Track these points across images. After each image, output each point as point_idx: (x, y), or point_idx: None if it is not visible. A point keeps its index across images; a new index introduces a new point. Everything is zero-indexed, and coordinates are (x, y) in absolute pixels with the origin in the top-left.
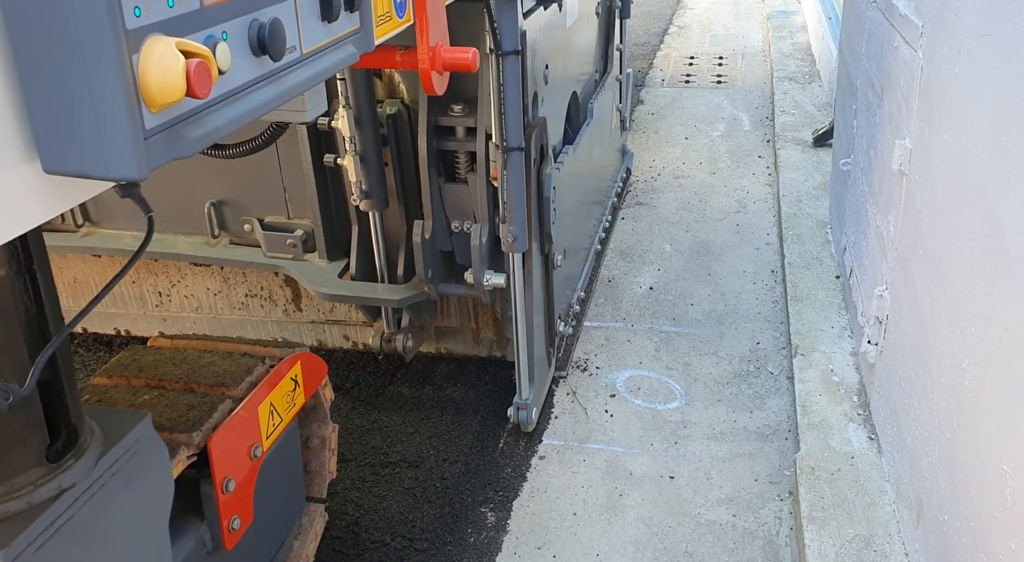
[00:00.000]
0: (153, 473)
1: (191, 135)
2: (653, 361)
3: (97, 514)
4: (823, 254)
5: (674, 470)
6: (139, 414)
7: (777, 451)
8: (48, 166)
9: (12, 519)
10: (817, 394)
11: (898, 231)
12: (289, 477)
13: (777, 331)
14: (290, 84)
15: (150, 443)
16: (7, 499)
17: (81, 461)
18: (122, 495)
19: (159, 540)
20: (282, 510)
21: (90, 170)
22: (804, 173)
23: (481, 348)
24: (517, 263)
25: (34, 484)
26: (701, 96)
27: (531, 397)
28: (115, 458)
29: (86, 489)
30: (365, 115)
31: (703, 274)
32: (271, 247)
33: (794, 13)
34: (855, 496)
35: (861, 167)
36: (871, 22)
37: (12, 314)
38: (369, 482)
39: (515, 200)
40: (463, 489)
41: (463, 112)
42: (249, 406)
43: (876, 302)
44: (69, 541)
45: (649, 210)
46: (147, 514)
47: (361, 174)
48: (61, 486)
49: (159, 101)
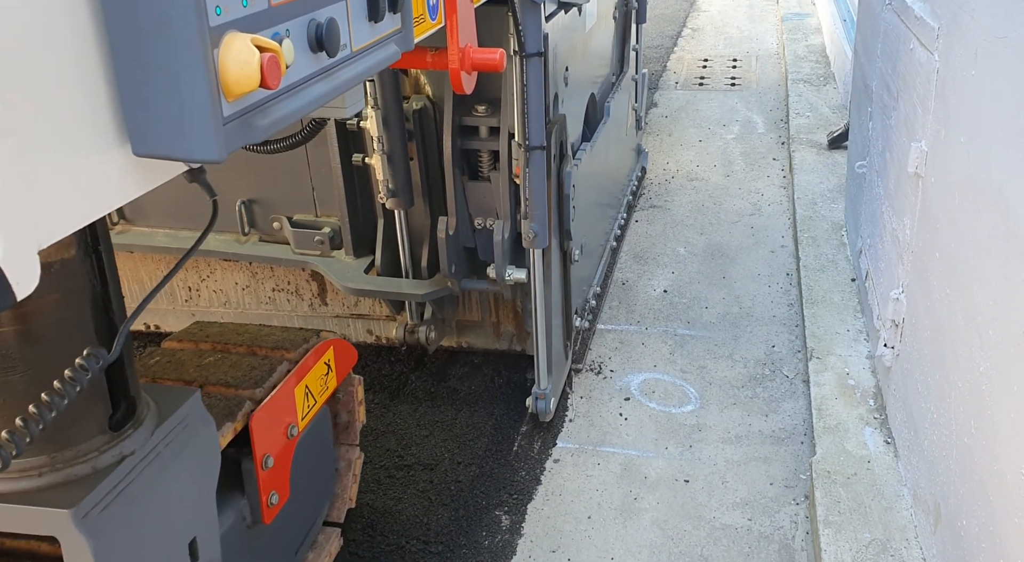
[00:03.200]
0: (202, 444)
1: (260, 123)
2: (668, 364)
3: (153, 480)
4: (838, 257)
5: (689, 474)
6: (189, 390)
7: (793, 455)
8: (138, 150)
9: (79, 481)
10: (833, 397)
11: (914, 234)
12: (320, 460)
13: (792, 334)
14: (342, 79)
15: (199, 417)
16: (75, 463)
17: (139, 431)
18: (175, 463)
19: (208, 507)
20: (313, 493)
21: (175, 153)
22: (819, 175)
23: (501, 342)
24: (537, 258)
25: (98, 450)
26: (715, 98)
27: (549, 387)
28: (169, 429)
29: (144, 457)
30: (392, 116)
31: (718, 277)
32: (299, 244)
33: (808, 15)
34: (872, 500)
35: (876, 170)
36: (886, 24)
37: (82, 291)
38: (384, 484)
39: (536, 197)
40: (477, 492)
41: (487, 112)
42: (286, 387)
43: (892, 305)
44: (129, 503)
45: (663, 213)
46: (197, 482)
47: (388, 173)
48: (122, 453)
49: (235, 91)
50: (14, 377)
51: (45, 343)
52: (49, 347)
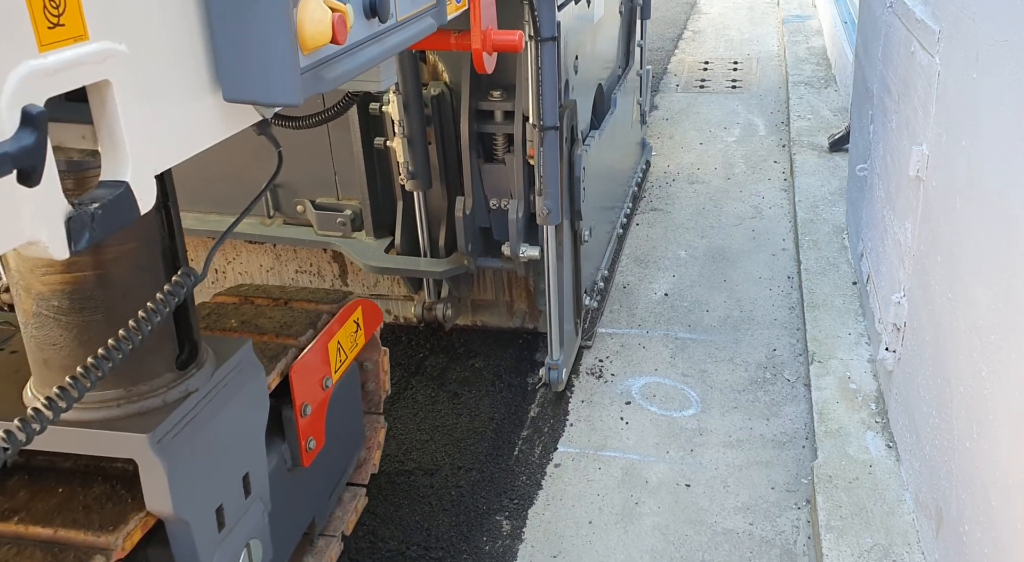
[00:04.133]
0: (254, 387)
1: (328, 76)
2: (668, 368)
3: (214, 416)
4: (840, 260)
5: (690, 478)
6: (242, 340)
7: (794, 459)
8: (228, 95)
9: (152, 412)
10: (834, 401)
11: (916, 237)
12: (349, 416)
13: (793, 338)
14: (389, 44)
15: (252, 364)
16: (148, 396)
17: (201, 372)
18: (231, 403)
19: (258, 446)
20: (343, 445)
21: (260, 97)
22: (820, 178)
23: (515, 320)
24: (551, 235)
25: (167, 386)
26: (716, 101)
27: (561, 358)
28: (226, 372)
29: (205, 394)
30: (412, 100)
31: (719, 280)
32: (322, 226)
33: (809, 17)
34: (873, 505)
35: (878, 173)
36: (887, 27)
37: (154, 241)
38: (385, 490)
39: (550, 175)
40: (478, 497)
41: (501, 97)
42: (321, 341)
43: (894, 309)
44: (194, 434)
45: (664, 216)
46: (249, 421)
47: (408, 155)
48: (188, 390)
49: (310, 45)
50: (96, 317)
51: (122, 287)
52: (125, 291)
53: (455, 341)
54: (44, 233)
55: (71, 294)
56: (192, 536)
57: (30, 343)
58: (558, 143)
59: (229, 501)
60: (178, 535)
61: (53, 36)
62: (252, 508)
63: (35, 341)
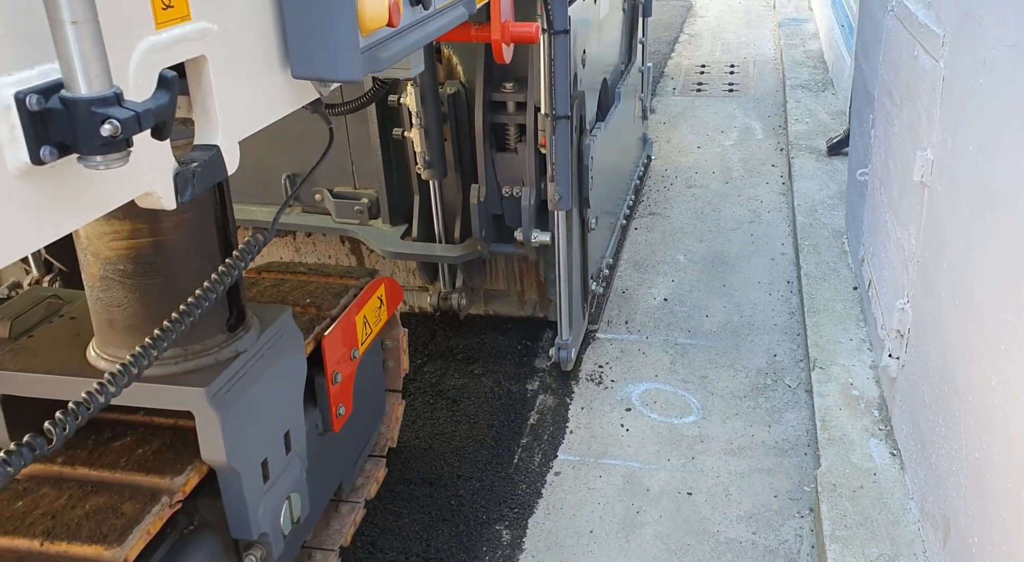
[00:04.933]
0: (293, 352)
1: (382, 56)
2: (669, 374)
3: (260, 375)
4: (840, 265)
5: (692, 486)
6: (283, 309)
7: (796, 466)
8: (296, 73)
9: (207, 369)
10: (837, 408)
11: (920, 243)
12: (374, 386)
13: (794, 343)
14: (430, 29)
15: (292, 330)
16: (202, 355)
17: (249, 334)
18: (275, 365)
19: (297, 407)
20: (368, 413)
21: (326, 74)
22: (819, 182)
23: (525, 309)
24: (561, 220)
25: (219, 346)
26: (713, 105)
27: (570, 339)
28: (270, 337)
29: (252, 355)
30: (429, 93)
31: (718, 285)
32: (340, 214)
33: (806, 20)
34: (878, 514)
35: (879, 177)
36: (888, 31)
37: (208, 211)
38: (385, 500)
39: (561, 162)
40: (478, 507)
41: (514, 89)
42: (350, 314)
43: (898, 315)
44: (244, 391)
45: (662, 220)
46: (289, 383)
47: (424, 146)
48: (237, 350)
49: (369, 27)
50: (157, 280)
51: (180, 252)
52: (183, 256)
53: (454, 346)
54: (158, 185)
55: (135, 258)
56: (241, 486)
57: (96, 305)
58: (569, 132)
59: (273, 455)
60: (229, 484)
61: (166, 16)
62: (292, 464)
63: (101, 303)
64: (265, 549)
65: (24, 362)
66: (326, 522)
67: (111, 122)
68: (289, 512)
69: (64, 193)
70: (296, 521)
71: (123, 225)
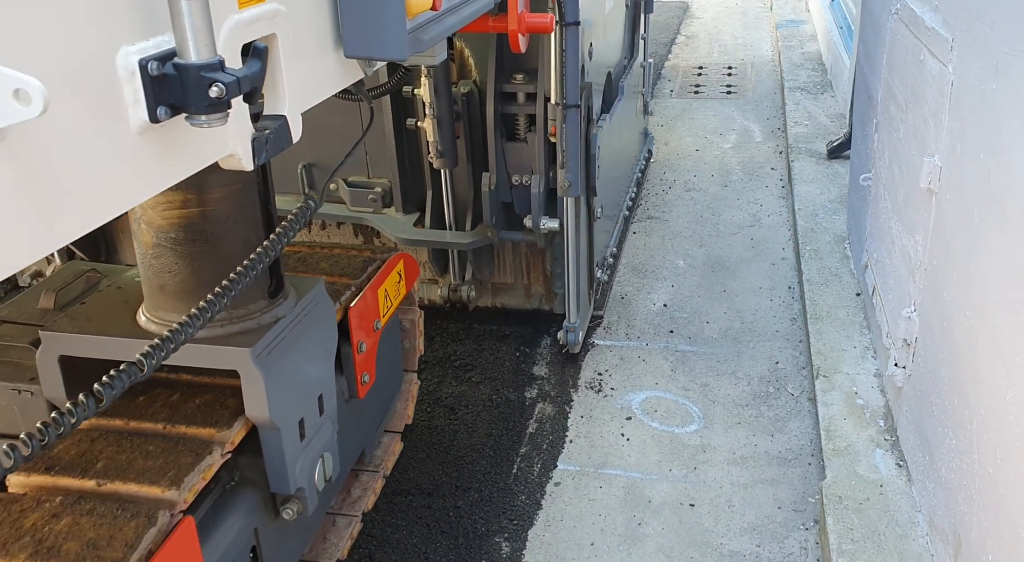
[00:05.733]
0: (325, 319)
1: (424, 38)
2: (669, 382)
3: (297, 340)
4: (842, 270)
5: (694, 497)
6: (316, 279)
7: (800, 477)
8: (348, 52)
9: (250, 332)
10: (841, 418)
11: (927, 251)
12: (392, 361)
13: (796, 350)
14: (461, 16)
15: (324, 299)
16: (246, 319)
17: (287, 301)
18: (310, 331)
19: (329, 372)
20: (387, 386)
21: (375, 54)
22: (819, 186)
23: (532, 301)
24: (570, 206)
25: (261, 311)
26: (711, 107)
27: (578, 322)
28: (305, 304)
29: (291, 321)
30: (441, 85)
31: (718, 290)
32: (355, 202)
33: (803, 22)
34: (885, 527)
35: (883, 183)
36: (892, 34)
37: (251, 184)
38: (383, 511)
39: (571, 150)
40: (477, 518)
41: (524, 80)
42: (373, 287)
43: (904, 324)
44: (284, 353)
45: (661, 224)
46: (322, 349)
47: (437, 135)
48: (277, 315)
49: (414, 10)
50: (205, 247)
51: (227, 222)
52: (230, 225)
53: (451, 353)
54: (240, 148)
55: (186, 227)
56: (281, 442)
57: (148, 271)
58: (579, 120)
59: (308, 416)
60: (270, 441)
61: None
62: (325, 425)
63: (152, 269)
64: (301, 503)
65: (80, 326)
66: (323, 536)
67: (217, 85)
68: (323, 470)
69: (170, 150)
70: (328, 479)
71: (175, 196)
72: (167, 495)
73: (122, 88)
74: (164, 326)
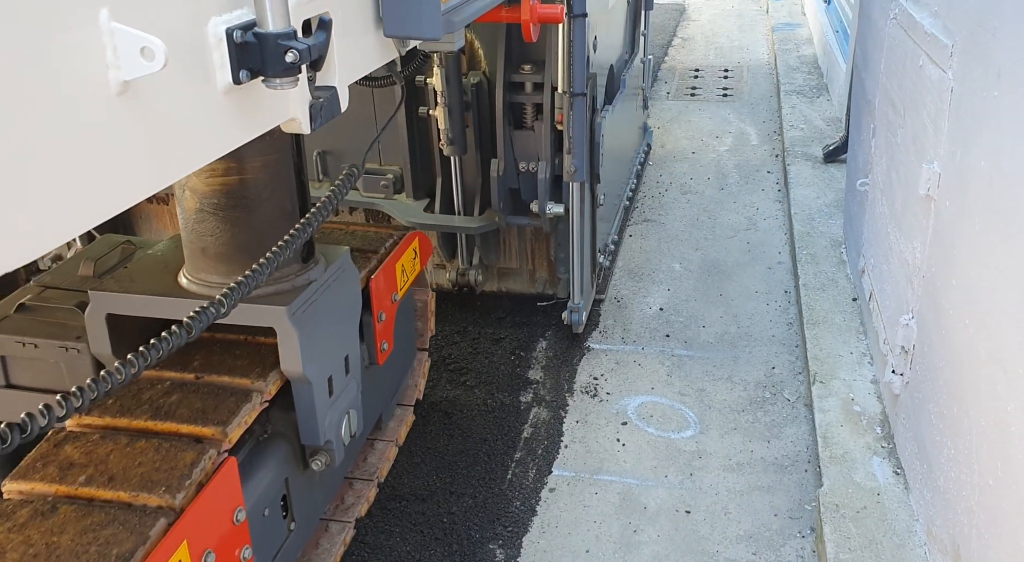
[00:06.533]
0: (351, 285)
1: (455, 19)
2: (665, 386)
3: (327, 302)
4: (838, 275)
5: (690, 504)
6: (343, 248)
7: (797, 484)
8: (388, 32)
9: (285, 293)
10: (838, 424)
11: (926, 258)
12: (406, 336)
13: (792, 355)
14: (486, 1)
15: (350, 267)
16: (281, 281)
17: (318, 266)
18: (337, 295)
19: (354, 335)
20: (404, 352)
21: (413, 33)
22: (816, 190)
23: (536, 286)
24: (575, 191)
25: (295, 274)
26: (707, 109)
27: (581, 303)
28: (333, 270)
29: (321, 284)
30: (452, 75)
31: (714, 294)
32: (367, 188)
33: (799, 25)
34: (883, 536)
35: (881, 188)
36: (891, 39)
37: (288, 155)
38: (376, 517)
39: (577, 137)
40: (471, 524)
41: (531, 71)
42: (391, 261)
43: (902, 331)
44: (316, 313)
45: (657, 227)
46: (348, 313)
47: (448, 123)
48: (309, 279)
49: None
50: (243, 213)
51: (265, 190)
52: (268, 193)
53: (446, 356)
54: (300, 113)
55: (227, 194)
56: (312, 396)
57: (190, 235)
58: (585, 108)
59: (336, 374)
60: (302, 394)
61: None
62: (350, 384)
63: (195, 233)
64: (329, 456)
65: (126, 286)
66: (315, 543)
67: (292, 51)
68: (348, 425)
69: (246, 110)
70: (353, 435)
71: (219, 164)
72: (215, 433)
73: (212, 53)
74: (205, 286)
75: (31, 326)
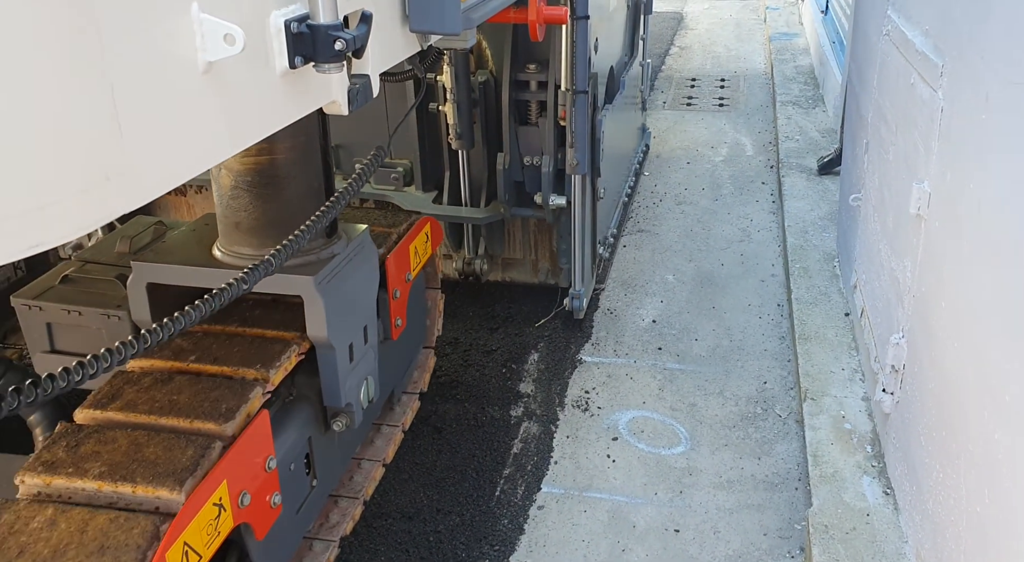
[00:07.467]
0: (370, 260)
1: (473, 16)
2: (657, 401)
3: (349, 275)
4: (831, 289)
5: (679, 523)
6: (363, 226)
7: (787, 502)
8: (413, 27)
9: (311, 264)
10: (829, 443)
11: (916, 277)
12: (417, 318)
13: (784, 370)
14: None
15: (369, 244)
16: (308, 253)
17: (340, 241)
18: (358, 270)
19: (371, 308)
20: (416, 331)
21: (436, 27)
22: (810, 202)
23: (539, 276)
24: (577, 183)
25: (320, 248)
26: (703, 119)
27: (583, 290)
28: (354, 246)
29: (344, 258)
30: (461, 72)
31: (707, 307)
32: (378, 180)
33: (797, 35)
34: (872, 558)
35: (873, 205)
36: (883, 55)
37: (314, 138)
38: (361, 535)
39: (579, 132)
40: (457, 543)
41: (536, 70)
42: (404, 243)
43: (892, 350)
44: (339, 284)
45: (651, 237)
46: (368, 285)
47: (456, 118)
48: (333, 252)
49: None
50: (273, 190)
51: (294, 169)
52: (297, 172)
53: (436, 368)
54: (340, 96)
55: (260, 172)
56: (335, 361)
57: (225, 211)
58: (587, 105)
59: (356, 342)
60: (326, 359)
61: None
62: (369, 353)
63: (230, 209)
64: (349, 417)
65: (166, 257)
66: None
67: (341, 40)
68: (366, 391)
69: (298, 91)
70: (371, 401)
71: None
72: (260, 374)
73: (272, 41)
74: (239, 258)
75: (75, 295)
